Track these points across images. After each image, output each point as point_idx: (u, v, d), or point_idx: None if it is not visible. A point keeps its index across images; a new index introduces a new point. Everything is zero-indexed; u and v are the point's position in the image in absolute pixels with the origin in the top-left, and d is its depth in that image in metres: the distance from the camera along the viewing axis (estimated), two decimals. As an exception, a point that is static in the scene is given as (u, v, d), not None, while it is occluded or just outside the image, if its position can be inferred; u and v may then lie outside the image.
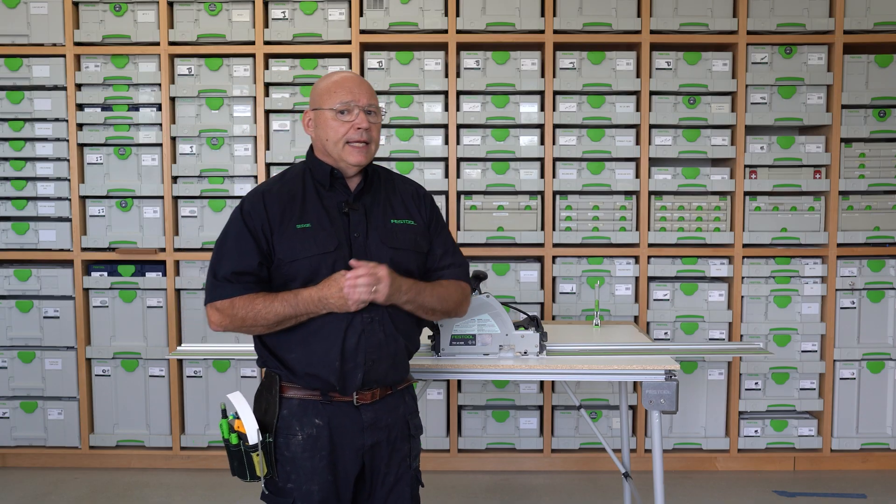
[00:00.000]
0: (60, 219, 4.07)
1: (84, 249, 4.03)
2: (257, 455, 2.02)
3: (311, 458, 2.03)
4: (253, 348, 3.15)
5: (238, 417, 2.04)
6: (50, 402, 4.07)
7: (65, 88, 4.00)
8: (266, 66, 3.97)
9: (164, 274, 4.01)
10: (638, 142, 3.98)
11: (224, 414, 2.07)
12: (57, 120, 4.00)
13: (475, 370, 2.55)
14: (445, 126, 3.99)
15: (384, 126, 3.86)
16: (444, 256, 2.18)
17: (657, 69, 3.96)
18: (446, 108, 3.99)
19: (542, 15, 3.92)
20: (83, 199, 4.03)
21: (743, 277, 3.99)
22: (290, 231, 2.01)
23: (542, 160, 3.99)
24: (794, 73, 3.94)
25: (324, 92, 2.07)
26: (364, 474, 2.10)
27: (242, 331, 2.02)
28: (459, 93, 3.98)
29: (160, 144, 4.00)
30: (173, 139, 4.00)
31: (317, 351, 2.01)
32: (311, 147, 2.15)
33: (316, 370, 2.01)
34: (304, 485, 2.04)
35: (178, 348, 3.10)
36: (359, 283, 1.93)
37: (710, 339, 4.01)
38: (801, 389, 4.06)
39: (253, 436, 2.01)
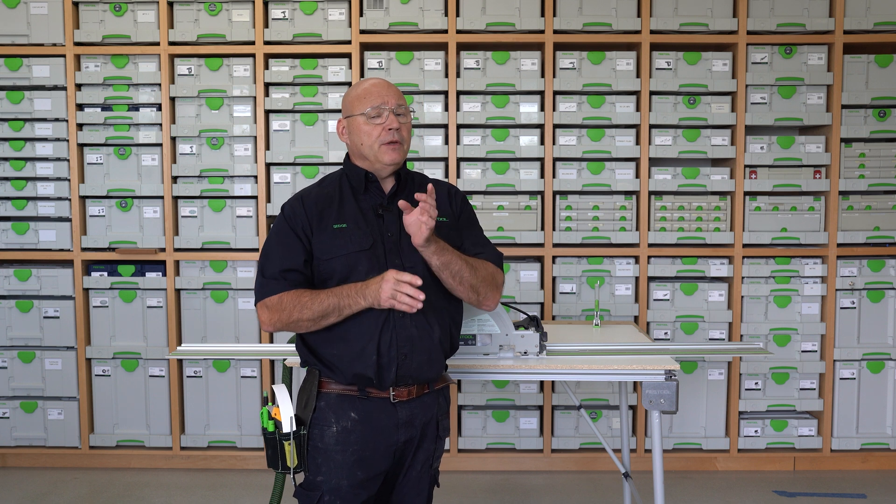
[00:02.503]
0: (60, 219, 4.07)
1: (84, 249, 4.03)
2: (289, 444, 2.09)
3: (343, 452, 2.09)
4: (251, 349, 3.23)
5: (278, 405, 2.11)
6: (50, 402, 4.07)
7: (65, 88, 4.00)
8: (266, 66, 3.97)
9: (164, 274, 4.01)
10: (638, 142, 3.98)
11: (266, 402, 2.15)
12: (57, 120, 4.00)
13: (475, 370, 2.55)
14: (445, 126, 3.99)
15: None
16: (474, 246, 2.22)
17: (657, 69, 3.96)
18: (446, 108, 3.99)
19: (542, 15, 3.92)
20: (83, 199, 4.03)
21: (743, 277, 3.99)
22: (329, 231, 2.10)
23: (542, 160, 3.99)
24: (794, 73, 3.94)
25: (354, 100, 2.15)
26: (390, 470, 2.16)
27: (290, 327, 2.08)
28: (459, 93, 3.98)
29: (160, 144, 4.00)
30: (173, 139, 4.00)
31: (354, 347, 2.07)
32: (347, 154, 2.22)
33: (354, 365, 2.07)
34: (333, 479, 2.10)
35: (178, 348, 3.10)
36: (424, 214, 1.96)
37: (710, 339, 4.01)
38: (801, 389, 4.06)
39: (287, 424, 2.09)
